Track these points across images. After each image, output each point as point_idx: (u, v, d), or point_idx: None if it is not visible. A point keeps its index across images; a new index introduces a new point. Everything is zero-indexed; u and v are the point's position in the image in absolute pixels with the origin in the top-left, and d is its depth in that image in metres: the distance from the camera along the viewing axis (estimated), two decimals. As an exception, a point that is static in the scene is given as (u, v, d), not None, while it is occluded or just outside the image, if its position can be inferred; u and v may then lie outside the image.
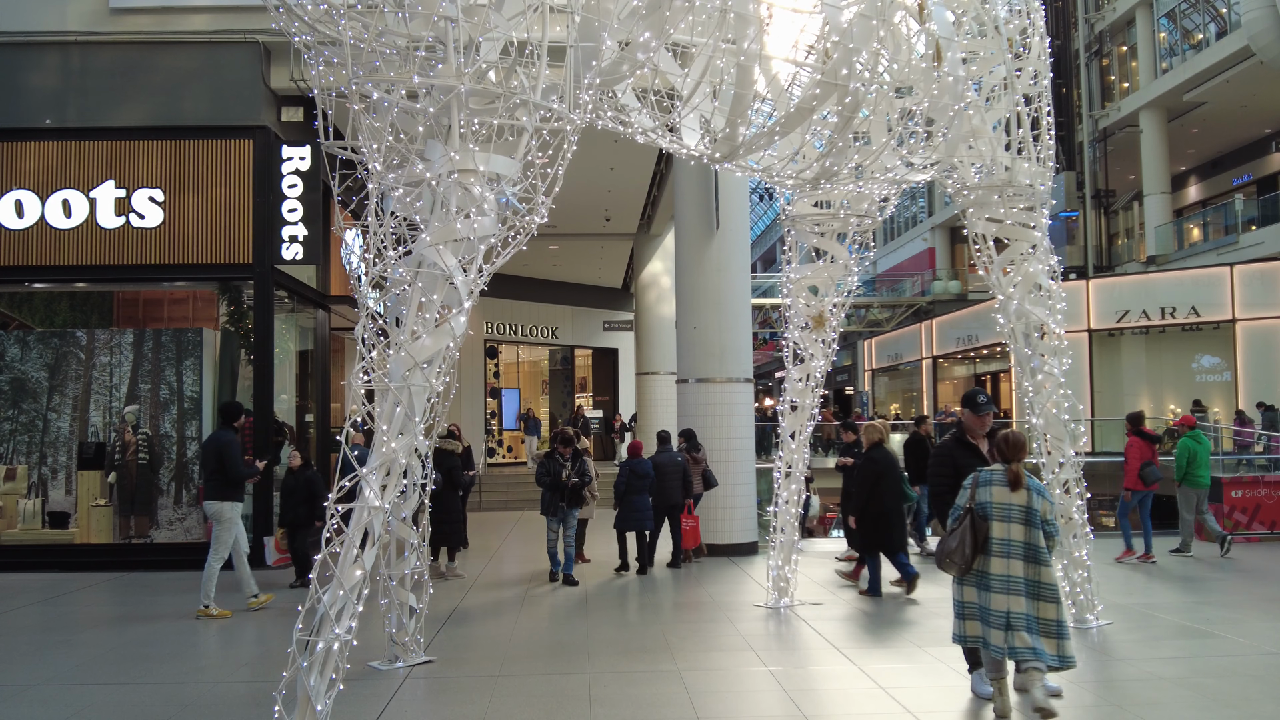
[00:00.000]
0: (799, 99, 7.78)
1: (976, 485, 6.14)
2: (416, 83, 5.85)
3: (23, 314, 14.45)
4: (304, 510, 11.24)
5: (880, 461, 10.32)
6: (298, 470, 11.52)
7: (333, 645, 5.32)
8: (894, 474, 10.33)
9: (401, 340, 5.78)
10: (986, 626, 5.97)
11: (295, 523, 11.38)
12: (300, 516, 11.31)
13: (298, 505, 11.26)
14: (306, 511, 11.25)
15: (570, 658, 7.81)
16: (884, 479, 10.23)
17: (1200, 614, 9.25)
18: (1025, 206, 8.75)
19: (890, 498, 10.24)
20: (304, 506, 11.21)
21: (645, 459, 12.15)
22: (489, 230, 6.03)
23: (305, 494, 11.23)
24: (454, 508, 11.97)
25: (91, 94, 13.35)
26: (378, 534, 5.59)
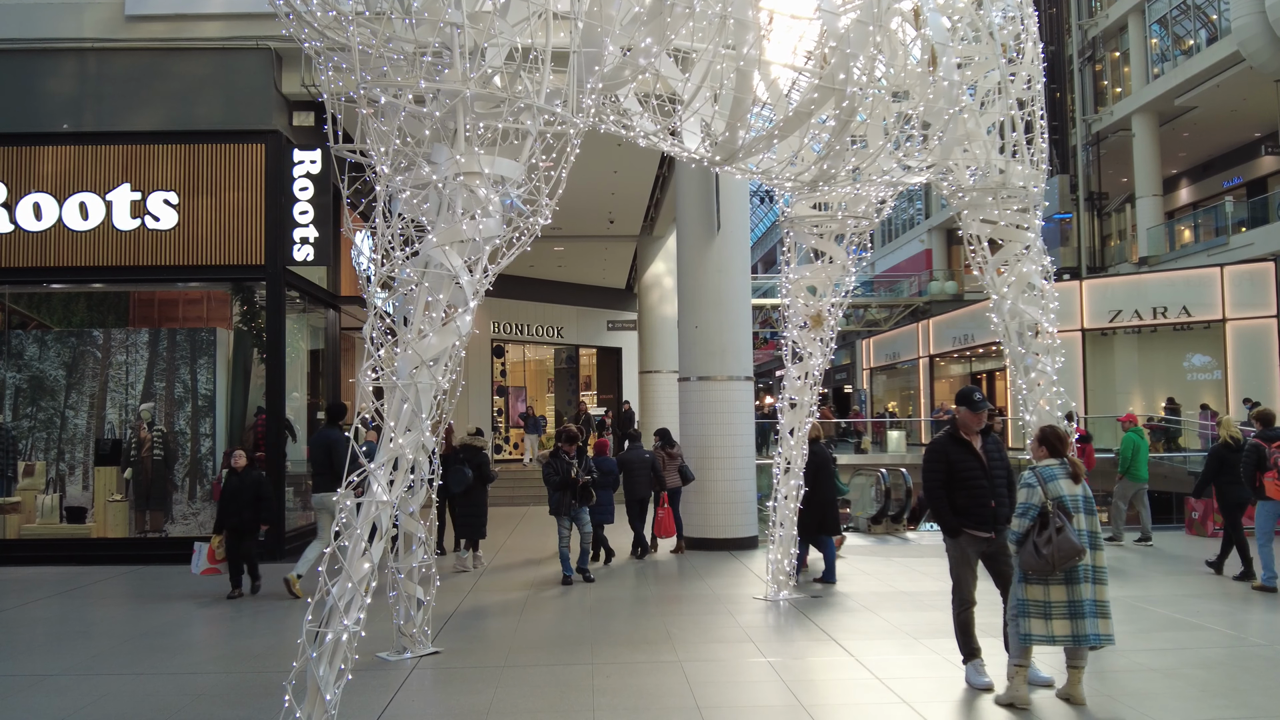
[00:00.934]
0: (797, 103, 7.97)
1: (1044, 482, 6.22)
2: (423, 87, 6.05)
3: (41, 314, 14.72)
4: (249, 514, 10.51)
5: (819, 455, 10.95)
6: (243, 471, 10.66)
7: (341, 636, 5.51)
8: (829, 468, 11.10)
9: (409, 339, 5.97)
10: (1079, 619, 6.07)
11: (239, 528, 10.52)
12: (245, 521, 10.52)
13: (242, 509, 10.47)
14: (251, 516, 10.53)
15: (573, 649, 8.01)
16: (821, 471, 10.86)
17: (1190, 607, 9.40)
18: (1019, 208, 8.94)
19: (827, 489, 10.96)
20: (249, 510, 10.49)
21: (610, 457, 13.01)
22: (494, 231, 6.22)
23: (251, 496, 10.51)
24: (481, 502, 12.46)
25: (107, 100, 13.61)
26: (385, 528, 5.78)
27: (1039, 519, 6.12)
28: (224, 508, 10.59)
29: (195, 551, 10.65)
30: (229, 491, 10.58)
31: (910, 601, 9.85)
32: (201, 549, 10.57)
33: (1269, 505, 9.98)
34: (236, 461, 10.71)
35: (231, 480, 10.64)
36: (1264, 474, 9.84)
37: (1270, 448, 9.89)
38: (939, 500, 6.90)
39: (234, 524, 10.50)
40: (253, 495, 10.51)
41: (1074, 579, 6.10)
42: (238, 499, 10.47)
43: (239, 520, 10.47)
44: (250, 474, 10.66)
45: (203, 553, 10.54)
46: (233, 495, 10.52)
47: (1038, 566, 6.09)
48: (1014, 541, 6.25)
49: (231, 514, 10.48)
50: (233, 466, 10.74)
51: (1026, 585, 6.26)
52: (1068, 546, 5.99)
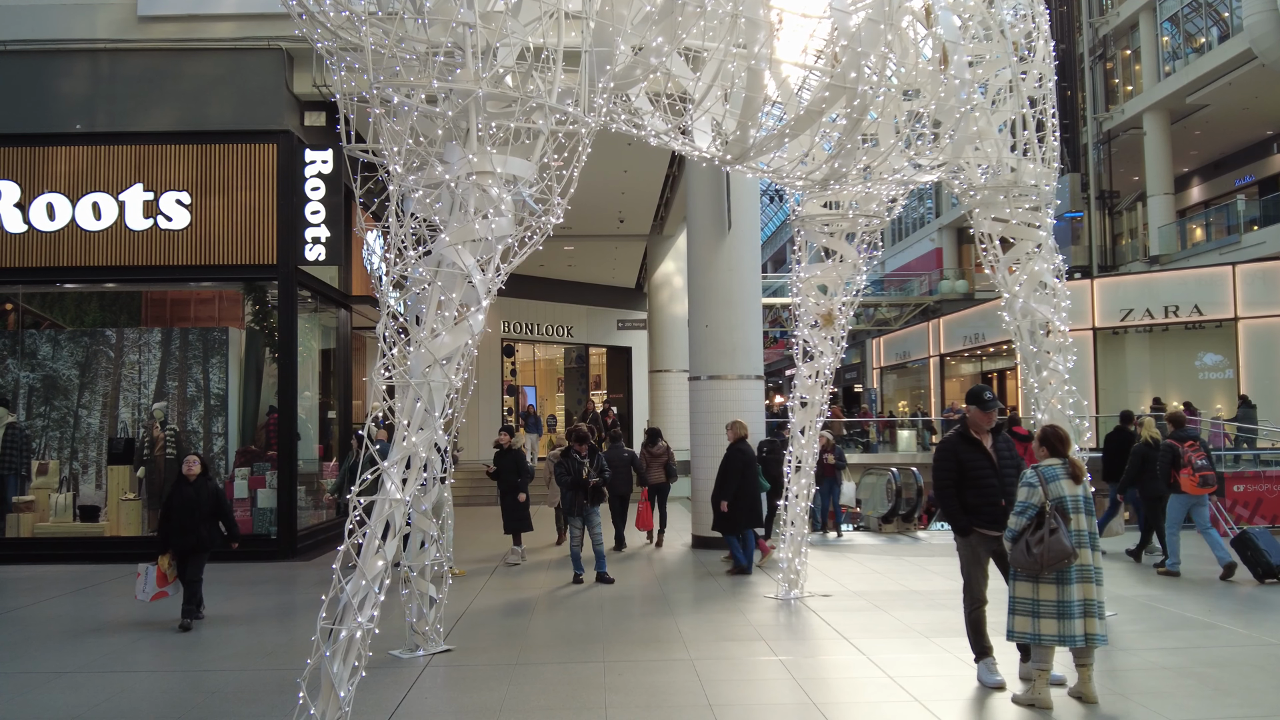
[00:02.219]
0: (808, 102, 7.97)
1: (1046, 482, 6.23)
2: (435, 87, 6.07)
3: (54, 314, 14.82)
4: (205, 530, 9.04)
5: (745, 453, 11.68)
6: (196, 480, 9.14)
7: (355, 633, 5.53)
8: (754, 466, 11.73)
9: (422, 337, 6.00)
10: (1067, 620, 6.07)
11: (195, 547, 9.03)
12: (201, 539, 9.02)
13: (199, 524, 8.98)
14: (209, 532, 9.09)
15: (586, 647, 8.02)
16: (749, 469, 11.56)
17: (1203, 605, 9.38)
18: (1030, 206, 8.91)
19: (752, 485, 11.62)
20: (206, 525, 9.05)
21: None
22: (506, 230, 6.24)
23: (209, 509, 9.08)
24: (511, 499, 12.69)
25: (120, 100, 13.68)
26: (399, 526, 5.81)
27: (1036, 518, 6.15)
28: (176, 523, 8.98)
29: (141, 575, 9.03)
30: (183, 504, 8.99)
31: (922, 600, 9.84)
32: (150, 571, 9.00)
33: (1181, 499, 10.84)
34: (189, 469, 9.18)
35: (184, 491, 9.07)
36: (1179, 471, 10.72)
37: (1183, 447, 10.76)
38: (949, 499, 6.90)
39: (191, 542, 8.99)
40: (210, 509, 9.12)
41: (1065, 579, 6.12)
42: (194, 513, 8.98)
43: (195, 538, 8.99)
44: (206, 484, 9.20)
45: (151, 576, 8.99)
46: (187, 508, 8.98)
47: (1026, 565, 6.14)
48: (1009, 539, 6.28)
49: (186, 530, 8.97)
50: (184, 475, 9.19)
51: (1015, 582, 6.32)
52: (1058, 549, 6.03)
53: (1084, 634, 6.13)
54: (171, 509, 9.05)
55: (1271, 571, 10.42)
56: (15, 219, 13.28)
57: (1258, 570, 10.51)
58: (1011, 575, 6.39)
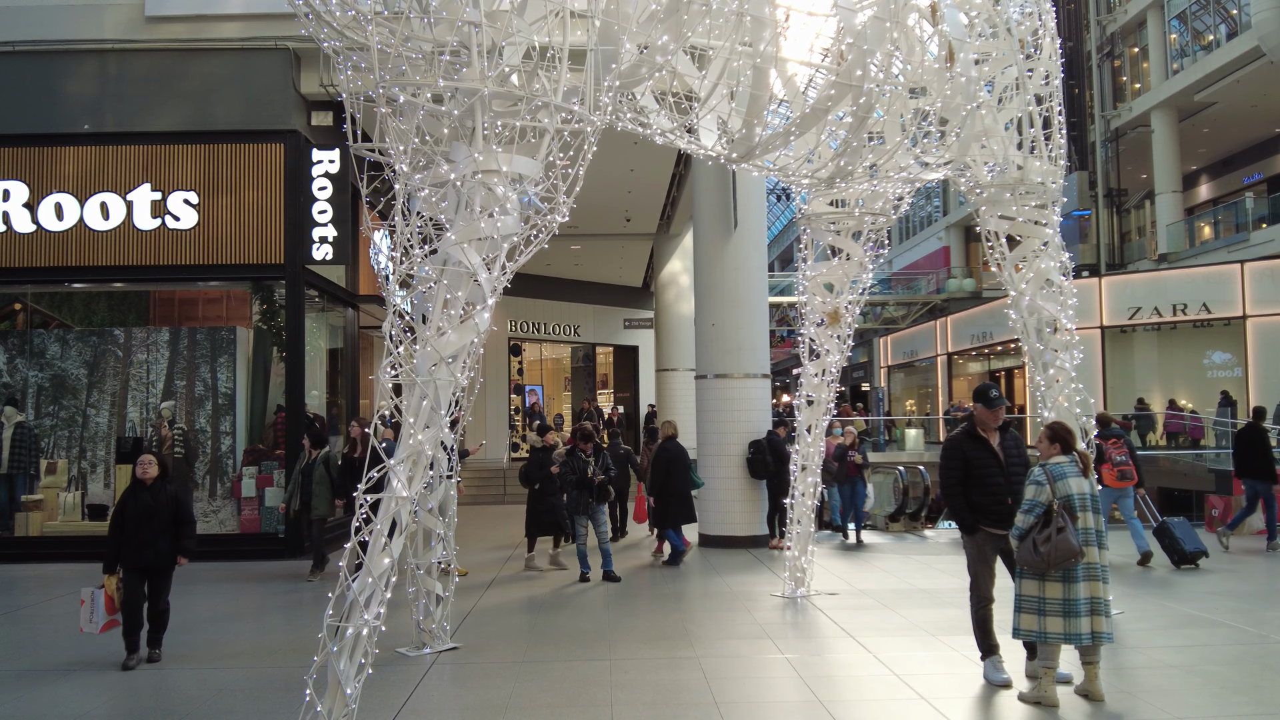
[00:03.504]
0: (814, 100, 7.97)
1: (1054, 480, 6.20)
2: (441, 86, 6.08)
3: (63, 314, 14.88)
4: (165, 544, 7.65)
5: (671, 451, 12.35)
6: (154, 484, 7.74)
7: (362, 631, 5.55)
8: (683, 462, 12.35)
9: (428, 336, 6.01)
10: (1073, 618, 6.06)
11: (155, 565, 7.68)
12: (160, 554, 7.65)
13: (156, 536, 7.59)
14: (169, 546, 7.70)
15: (592, 645, 8.03)
16: (674, 465, 12.20)
17: (1210, 603, 9.36)
18: (1037, 204, 8.90)
19: (681, 482, 12.30)
20: (164, 538, 7.63)
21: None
22: (512, 229, 6.25)
23: (168, 518, 7.66)
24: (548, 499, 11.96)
25: (128, 100, 13.72)
26: (405, 524, 5.82)
27: (1043, 516, 6.14)
28: (130, 535, 7.58)
29: (86, 601, 7.62)
30: (138, 513, 7.60)
31: (928, 599, 9.83)
32: (96, 597, 7.60)
33: (1108, 492, 11.73)
34: (145, 471, 7.73)
35: (140, 497, 7.65)
36: (1101, 466, 11.50)
37: (1107, 444, 11.56)
38: (956, 498, 6.90)
39: (149, 559, 7.62)
40: (168, 519, 7.68)
41: (1071, 577, 6.11)
42: (150, 523, 7.59)
43: (153, 554, 7.60)
44: (165, 488, 7.77)
45: (98, 602, 7.60)
46: (143, 517, 7.58)
47: (1033, 563, 6.13)
48: (1016, 537, 6.27)
49: (141, 544, 7.56)
50: (138, 478, 7.74)
51: (1022, 580, 6.31)
52: (1065, 548, 6.01)
53: (1090, 632, 6.12)
54: (123, 519, 7.63)
55: (1186, 558, 11.46)
56: (24, 219, 13.34)
57: (1174, 557, 11.56)
58: (1018, 573, 6.38)
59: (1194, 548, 11.52)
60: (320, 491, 11.71)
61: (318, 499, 11.68)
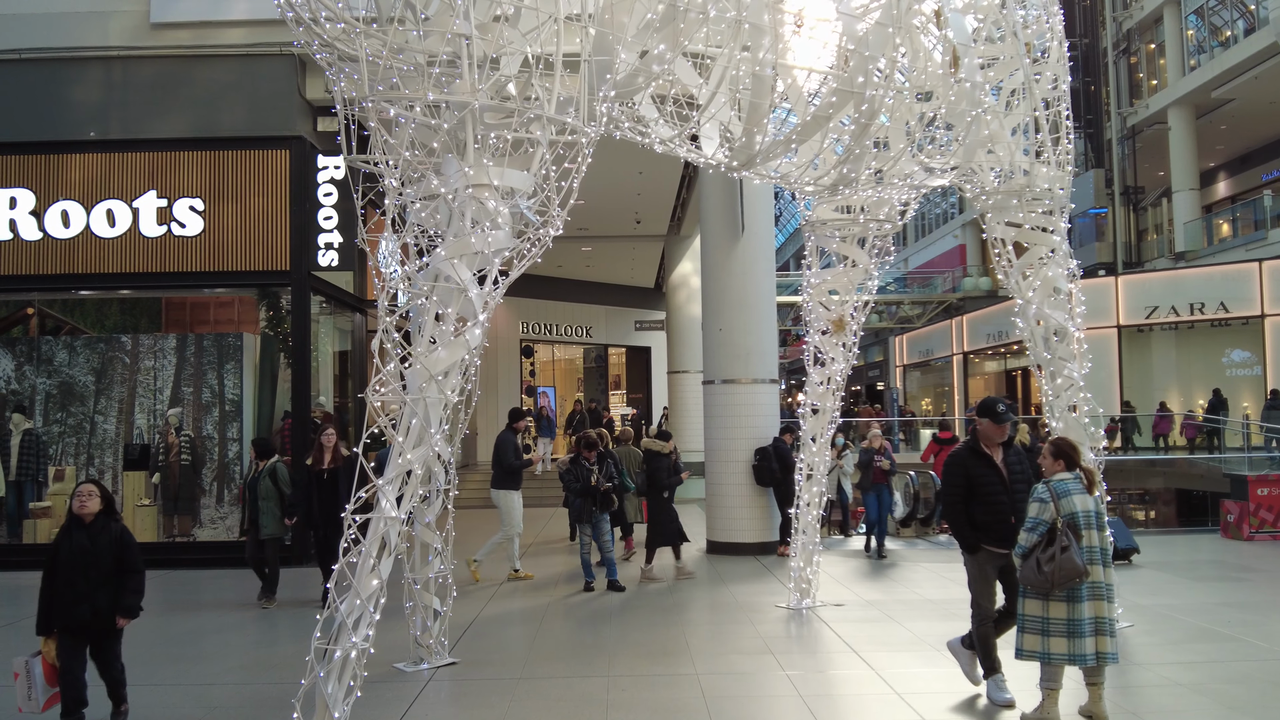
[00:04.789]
0: (816, 107, 7.85)
1: (1058, 497, 6.04)
2: (431, 99, 6.00)
3: (75, 318, 14.90)
4: (105, 598, 6.08)
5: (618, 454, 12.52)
6: (94, 521, 6.18)
7: (350, 653, 5.48)
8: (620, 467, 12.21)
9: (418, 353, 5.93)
10: (1077, 638, 5.91)
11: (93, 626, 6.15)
12: (101, 610, 6.10)
13: (95, 589, 6.07)
14: (109, 596, 6.09)
15: (591, 660, 7.94)
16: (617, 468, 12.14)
17: (1221, 616, 9.18)
18: (1044, 211, 8.75)
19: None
20: (106, 590, 6.07)
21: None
22: (504, 243, 6.17)
23: (109, 566, 6.09)
24: (662, 508, 11.76)
25: (133, 107, 13.71)
26: (394, 544, 5.75)
27: (1046, 535, 6.00)
28: (63, 586, 6.08)
29: (21, 674, 6.11)
30: (72, 559, 6.09)
31: (935, 610, 9.70)
32: (34, 667, 6.13)
33: None
34: (82, 505, 6.20)
35: (77, 538, 6.14)
36: None
37: None
38: (957, 515, 6.78)
39: (82, 616, 6.08)
40: (110, 566, 6.09)
41: (1075, 597, 5.95)
42: (86, 571, 6.07)
43: (90, 607, 6.08)
44: (109, 527, 6.21)
45: (36, 673, 6.13)
46: (79, 565, 6.07)
47: (1036, 583, 5.98)
48: (1019, 555, 6.12)
49: (78, 598, 6.06)
50: (74, 514, 6.21)
51: (1025, 600, 6.15)
52: (1069, 567, 5.86)
53: (1095, 652, 5.98)
54: (57, 565, 6.12)
55: (1118, 554, 11.55)
56: (30, 226, 13.35)
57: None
58: (1021, 592, 6.24)
59: (1125, 545, 11.97)
60: (268, 509, 10.59)
61: (266, 516, 10.57)
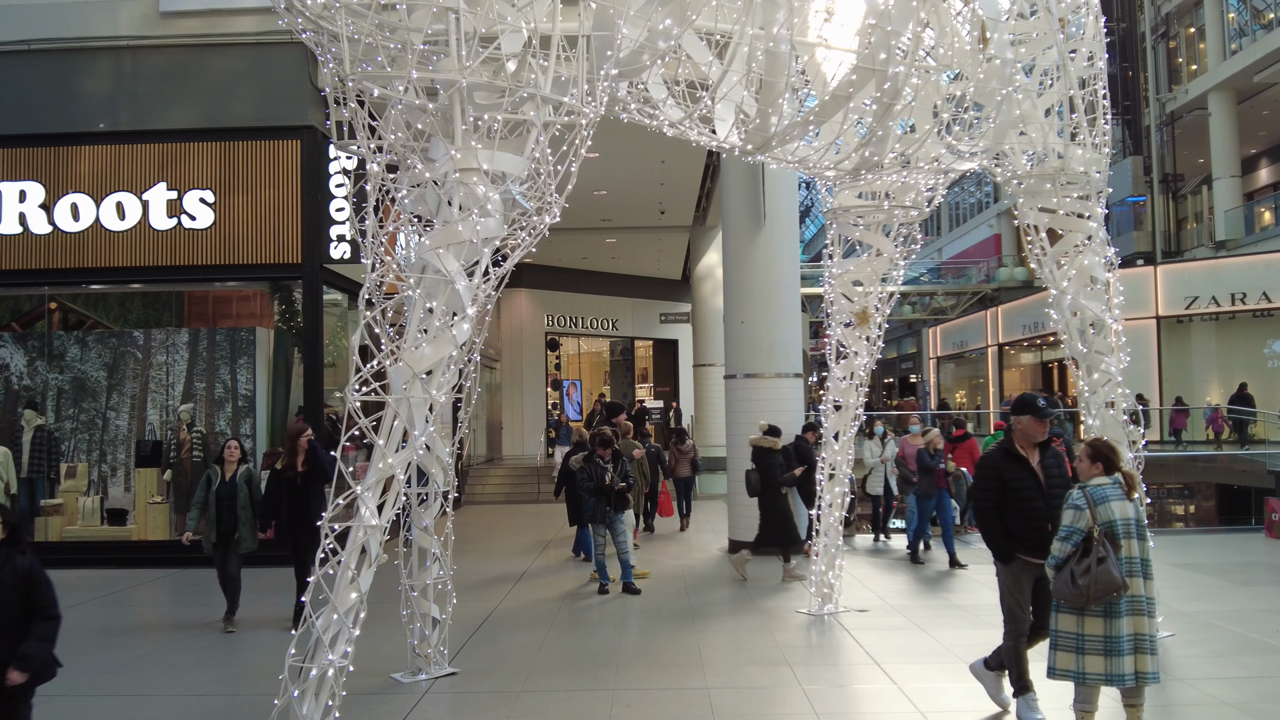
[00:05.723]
0: (834, 85, 7.38)
1: (1094, 504, 5.55)
2: (415, 78, 5.61)
3: (98, 313, 14.71)
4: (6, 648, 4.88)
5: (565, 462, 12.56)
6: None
7: (327, 671, 5.12)
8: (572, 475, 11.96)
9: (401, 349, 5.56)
10: (1115, 657, 5.44)
11: None
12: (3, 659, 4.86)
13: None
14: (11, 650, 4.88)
15: (597, 671, 7.54)
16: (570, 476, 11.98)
17: (1270, 625, 8.60)
18: (1079, 195, 8.22)
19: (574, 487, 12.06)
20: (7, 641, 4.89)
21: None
22: (494, 232, 5.77)
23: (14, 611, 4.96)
24: (777, 507, 11.32)
25: (143, 97, 13.48)
26: (374, 554, 5.38)
27: (1082, 545, 5.50)
28: None
29: None
30: None
31: (964, 618, 9.22)
32: None
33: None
34: None
35: None
36: None
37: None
38: (991, 522, 6.30)
39: None
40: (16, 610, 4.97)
41: (1113, 613, 5.45)
42: None
43: None
44: (12, 563, 5.04)
45: None
46: None
47: (1071, 597, 5.49)
48: (1053, 567, 5.62)
49: None
50: None
51: (1059, 615, 5.66)
52: (1106, 580, 5.36)
53: (1134, 672, 5.49)
54: None
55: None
56: (40, 220, 13.15)
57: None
58: (1054, 606, 5.76)
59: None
60: (246, 518, 9.26)
61: (245, 528, 9.25)
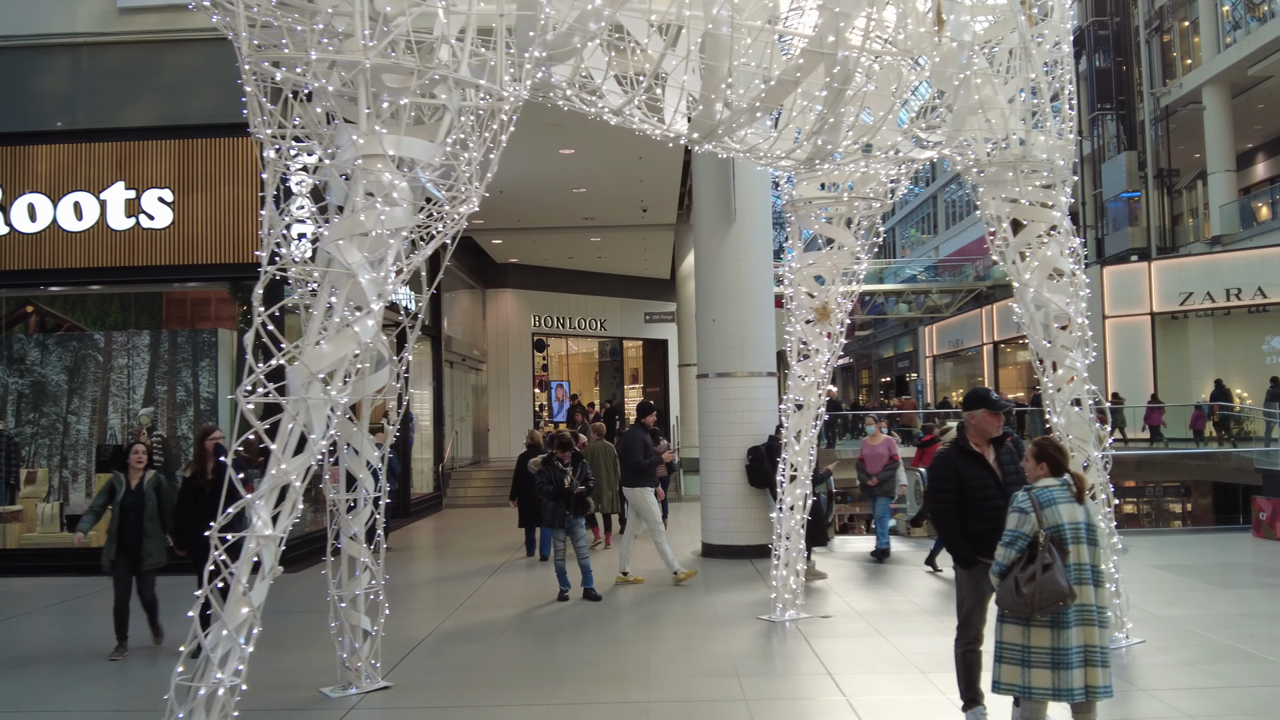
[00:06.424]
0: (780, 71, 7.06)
1: (1040, 507, 5.18)
2: (314, 59, 5.30)
3: (75, 316, 14.41)
4: None
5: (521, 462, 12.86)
6: None
7: (217, 691, 4.80)
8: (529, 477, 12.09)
9: (297, 349, 5.25)
10: (1063, 670, 5.05)
11: None
12: None
13: None
14: None
15: (537, 685, 7.20)
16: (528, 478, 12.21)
17: (1246, 630, 8.24)
18: (1043, 184, 7.87)
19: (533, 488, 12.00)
20: None
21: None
22: (402, 222, 5.46)
23: None
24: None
25: (101, 95, 13.22)
26: (269, 565, 5.07)
27: (1027, 550, 5.16)
28: None
29: None
30: None
31: (929, 624, 8.88)
32: None
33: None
34: None
35: None
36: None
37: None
38: (949, 525, 5.92)
39: None
40: None
41: (1061, 623, 5.07)
42: None
43: None
44: None
45: None
46: None
47: (1015, 606, 5.10)
48: (996, 574, 5.27)
49: None
50: None
51: (1003, 625, 5.27)
52: (1052, 588, 4.99)
53: (1083, 686, 5.14)
54: None
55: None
56: (-4, 221, 12.88)
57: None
58: (999, 616, 5.41)
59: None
60: (154, 531, 8.45)
61: (152, 542, 8.44)
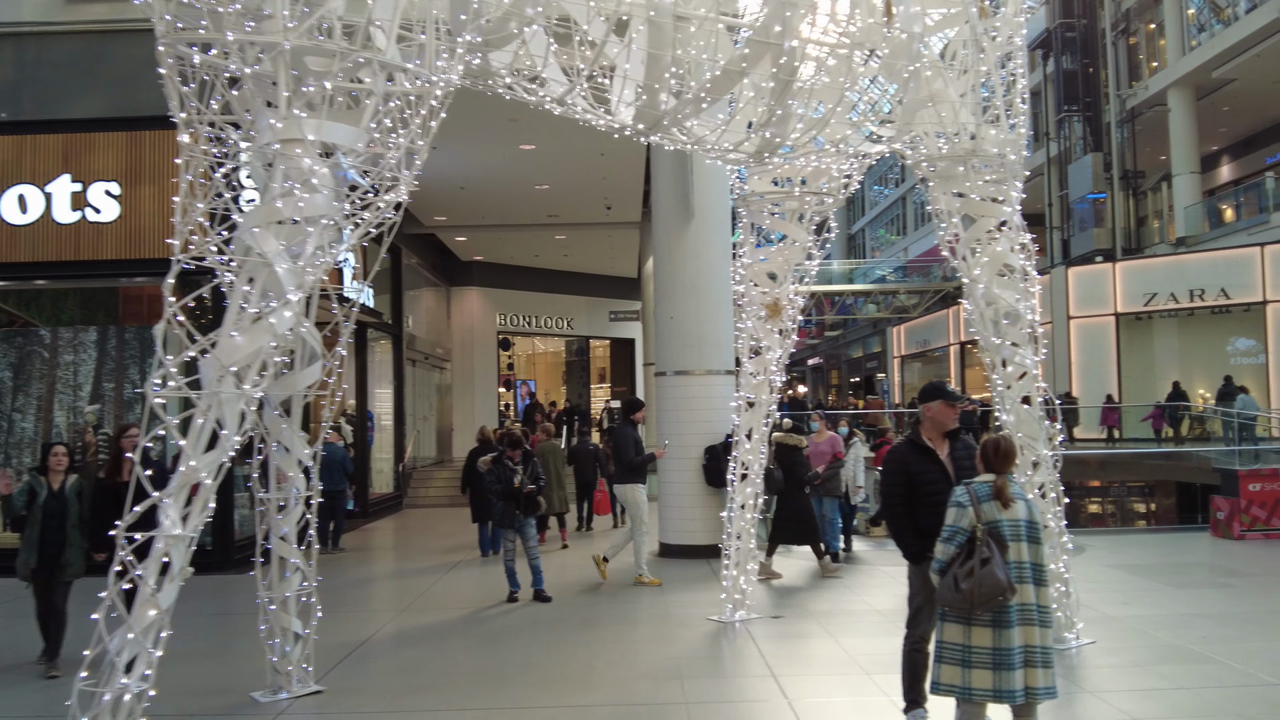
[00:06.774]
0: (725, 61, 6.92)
1: (978, 501, 5.05)
2: (230, 40, 5.11)
3: (30, 313, 14.06)
4: None
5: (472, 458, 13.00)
6: None
7: (123, 697, 4.60)
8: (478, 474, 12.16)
9: (214, 341, 5.05)
10: (1004, 671, 4.91)
11: None
12: None
13: None
14: None
15: (474, 689, 7.02)
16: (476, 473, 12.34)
17: (1198, 630, 8.17)
18: (993, 179, 7.78)
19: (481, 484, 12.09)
20: None
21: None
22: (322, 209, 5.28)
23: None
24: (803, 506, 11.19)
25: (47, 85, 12.90)
26: (180, 566, 4.88)
27: (966, 545, 5.04)
28: None
29: None
30: None
31: (880, 624, 8.75)
32: None
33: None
34: None
35: None
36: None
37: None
38: (900, 520, 5.80)
39: None
40: None
41: (1002, 623, 4.93)
42: None
43: None
44: None
45: None
46: None
47: (955, 603, 4.95)
48: (936, 571, 5.14)
49: None
50: None
51: (944, 624, 5.13)
52: (991, 583, 4.85)
53: (1024, 688, 5.02)
54: None
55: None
56: (-63, 214, 12.54)
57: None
58: (940, 615, 5.29)
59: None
60: (75, 539, 8.01)
61: (74, 550, 7.99)
